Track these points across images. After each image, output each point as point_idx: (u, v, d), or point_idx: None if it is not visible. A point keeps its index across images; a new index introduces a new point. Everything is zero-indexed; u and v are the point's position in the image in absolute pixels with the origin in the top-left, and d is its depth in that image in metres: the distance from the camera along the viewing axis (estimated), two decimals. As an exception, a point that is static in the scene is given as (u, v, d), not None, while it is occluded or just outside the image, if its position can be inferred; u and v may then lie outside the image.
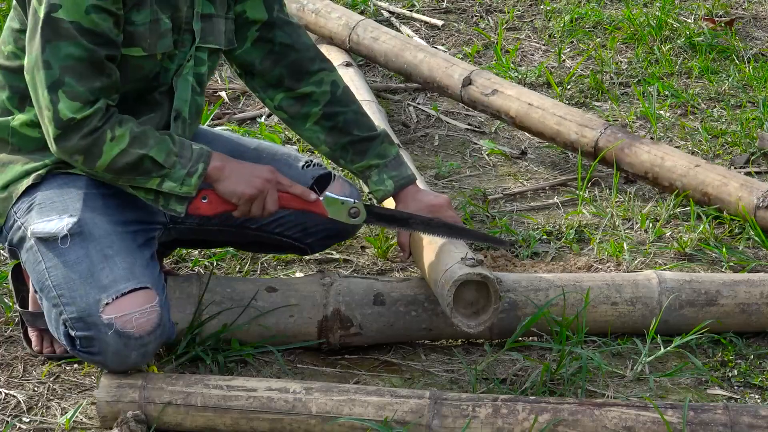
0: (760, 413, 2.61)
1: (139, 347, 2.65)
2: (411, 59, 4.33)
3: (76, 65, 2.63)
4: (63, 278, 2.70)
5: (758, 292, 3.09)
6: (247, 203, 2.80)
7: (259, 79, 3.07)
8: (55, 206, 2.77)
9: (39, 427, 2.74)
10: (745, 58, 5.06)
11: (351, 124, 3.05)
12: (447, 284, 2.76)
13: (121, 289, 2.65)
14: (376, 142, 3.06)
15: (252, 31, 3.00)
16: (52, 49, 2.62)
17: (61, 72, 2.62)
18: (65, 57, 2.62)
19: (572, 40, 5.32)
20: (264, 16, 3.00)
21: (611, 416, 2.61)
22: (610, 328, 3.08)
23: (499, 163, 4.25)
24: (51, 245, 2.73)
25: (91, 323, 2.65)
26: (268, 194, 2.81)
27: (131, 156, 2.68)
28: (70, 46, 2.62)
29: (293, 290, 3.01)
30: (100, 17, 2.63)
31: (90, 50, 2.63)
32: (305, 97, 3.05)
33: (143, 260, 2.75)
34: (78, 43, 2.62)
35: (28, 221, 2.78)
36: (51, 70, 2.63)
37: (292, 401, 2.65)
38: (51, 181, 2.81)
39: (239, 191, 2.78)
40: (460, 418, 2.62)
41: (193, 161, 2.74)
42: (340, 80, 3.10)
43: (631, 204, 3.85)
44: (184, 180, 2.73)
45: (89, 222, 2.74)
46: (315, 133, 3.07)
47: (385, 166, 3.04)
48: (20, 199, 2.81)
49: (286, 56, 3.03)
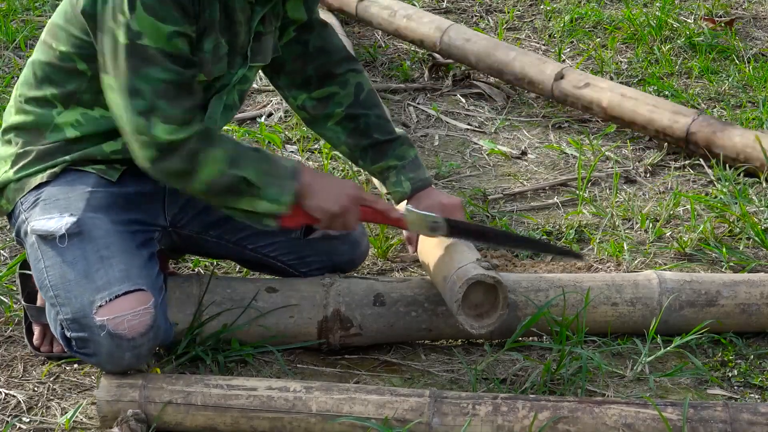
0: (759, 410, 2.61)
1: (131, 349, 2.66)
2: (503, 57, 4.60)
3: (167, 89, 2.65)
4: (60, 278, 2.71)
5: (758, 293, 3.09)
6: (331, 219, 2.82)
7: (286, 78, 3.08)
8: (58, 204, 2.78)
9: (39, 427, 2.74)
10: (745, 58, 5.07)
11: (372, 128, 3.06)
12: (459, 281, 2.76)
13: (115, 291, 2.65)
14: (396, 143, 3.07)
15: (289, 31, 3.01)
16: (142, 76, 2.63)
17: (153, 97, 2.64)
18: (156, 81, 2.64)
19: (572, 40, 5.32)
20: (304, 16, 3.01)
21: (611, 413, 2.61)
22: (610, 328, 3.08)
23: (499, 163, 4.25)
24: (50, 243, 2.74)
25: (85, 325, 2.65)
26: (350, 212, 2.83)
27: (227, 177, 2.70)
28: (160, 71, 2.64)
29: (293, 290, 3.01)
30: (181, 41, 2.66)
31: (179, 73, 2.66)
32: (329, 98, 3.06)
33: (141, 261, 2.75)
34: (166, 67, 2.64)
35: (31, 216, 2.80)
36: (142, 97, 2.64)
37: (292, 400, 2.65)
38: (61, 178, 2.83)
39: (325, 208, 2.80)
40: (460, 416, 2.62)
41: (286, 179, 2.75)
42: (366, 82, 3.10)
43: (631, 204, 3.85)
44: (276, 199, 2.75)
45: (89, 222, 2.75)
46: (336, 133, 3.09)
47: (404, 168, 3.05)
48: (30, 192, 2.83)
49: (317, 59, 3.04)
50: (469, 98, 4.83)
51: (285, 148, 4.26)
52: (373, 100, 3.09)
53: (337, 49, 3.07)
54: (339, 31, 5.13)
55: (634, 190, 4.00)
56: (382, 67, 5.10)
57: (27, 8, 5.56)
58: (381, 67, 5.10)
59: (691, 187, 4.04)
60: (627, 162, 4.22)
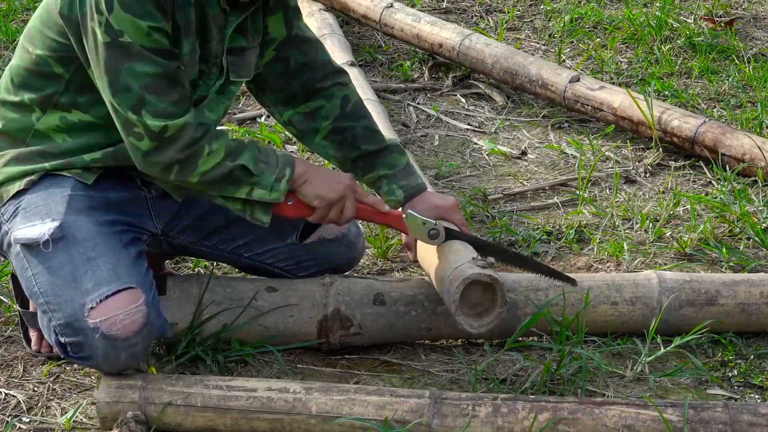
0: (759, 411, 2.60)
1: (126, 348, 2.65)
2: (521, 60, 4.75)
3: (154, 83, 2.65)
4: (48, 285, 2.69)
5: (758, 292, 3.09)
6: (327, 208, 2.83)
7: (271, 96, 3.07)
8: (38, 210, 2.76)
9: (39, 427, 2.74)
10: (745, 58, 5.07)
11: (360, 139, 3.05)
12: (456, 281, 2.76)
13: (105, 292, 2.64)
14: (385, 152, 3.06)
15: (269, 51, 2.99)
16: (127, 71, 2.64)
17: (140, 91, 2.65)
18: (141, 76, 2.65)
19: (572, 40, 5.32)
20: (283, 33, 2.98)
21: (611, 414, 2.61)
22: (610, 328, 3.08)
23: (499, 163, 4.25)
24: (35, 251, 2.72)
25: (78, 328, 2.65)
26: (347, 200, 2.84)
27: (225, 168, 2.72)
28: (144, 65, 2.64)
29: (293, 290, 3.01)
30: (159, 36, 2.66)
31: (163, 65, 2.66)
32: (315, 111, 3.05)
33: (128, 259, 2.74)
34: (152, 60, 2.65)
35: (12, 226, 2.78)
36: (131, 92, 2.65)
37: (292, 401, 2.65)
38: (38, 185, 2.81)
39: (322, 195, 2.81)
40: (460, 417, 2.62)
41: (280, 167, 2.78)
42: (353, 95, 3.09)
43: (631, 204, 3.85)
44: (273, 186, 2.77)
45: (72, 225, 2.73)
46: (324, 148, 3.08)
47: (394, 176, 3.04)
48: (8, 201, 2.81)
49: (301, 75, 3.03)
50: (469, 98, 4.83)
51: (285, 148, 4.26)
52: (360, 111, 3.08)
53: (321, 65, 3.05)
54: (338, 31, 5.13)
55: (634, 190, 4.00)
56: (382, 67, 5.10)
57: (27, 8, 5.56)
58: (381, 67, 5.10)
59: (691, 187, 4.04)
60: (627, 162, 4.22)
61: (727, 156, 4.06)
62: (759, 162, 3.98)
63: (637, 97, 4.33)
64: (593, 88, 4.50)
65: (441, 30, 5.02)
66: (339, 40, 4.97)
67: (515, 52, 4.82)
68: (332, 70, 3.07)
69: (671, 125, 4.23)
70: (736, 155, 4.03)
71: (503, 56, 4.78)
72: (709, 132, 4.13)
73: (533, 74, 4.66)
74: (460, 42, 4.90)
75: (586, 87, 4.51)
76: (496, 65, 4.77)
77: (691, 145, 4.17)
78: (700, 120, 4.20)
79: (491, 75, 4.83)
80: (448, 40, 4.95)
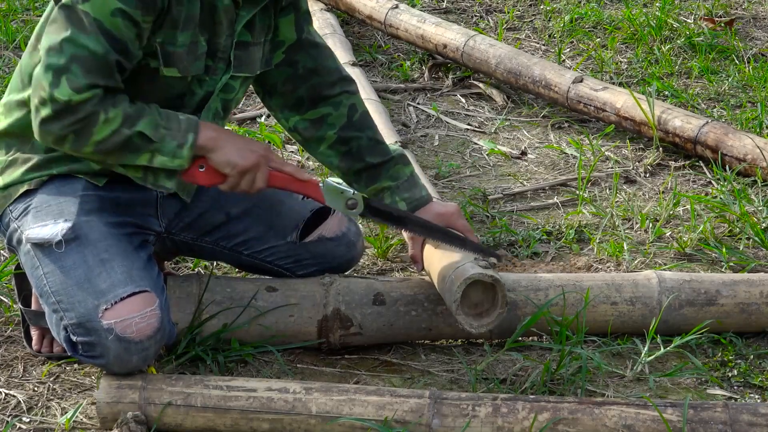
0: (759, 411, 2.61)
1: (139, 351, 2.65)
2: (525, 61, 4.79)
3: (88, 60, 2.59)
4: (61, 284, 2.69)
5: (758, 292, 3.09)
6: (239, 176, 2.74)
7: (277, 100, 3.04)
8: (50, 210, 2.76)
9: (39, 427, 2.74)
10: (745, 58, 5.07)
11: (365, 151, 3.03)
12: (457, 281, 2.76)
13: (120, 294, 2.64)
14: (389, 164, 3.03)
15: (278, 53, 2.97)
16: (71, 38, 2.59)
17: (71, 59, 2.59)
18: (81, 47, 2.58)
19: (572, 40, 5.32)
20: (293, 36, 2.97)
21: (611, 415, 2.61)
22: (610, 328, 3.08)
23: (499, 163, 4.26)
24: (47, 251, 2.72)
25: (91, 329, 2.65)
26: (260, 169, 2.76)
27: (122, 135, 2.63)
28: (89, 40, 2.58)
29: (293, 290, 3.01)
30: (124, 23, 2.60)
31: (107, 51, 2.60)
32: (321, 119, 3.03)
33: (141, 262, 2.75)
34: (97, 39, 2.59)
35: (23, 225, 2.78)
36: (61, 54, 2.59)
37: (291, 401, 2.65)
38: (49, 185, 2.80)
39: (233, 161, 2.72)
40: (460, 417, 2.62)
41: (183, 132, 2.68)
42: (360, 104, 3.07)
43: (631, 204, 3.85)
44: (175, 152, 2.68)
45: (84, 226, 2.73)
46: (329, 157, 3.05)
47: (398, 188, 3.03)
48: (18, 198, 2.81)
49: (309, 80, 3.01)
50: (469, 98, 4.83)
51: (285, 149, 4.26)
52: (366, 122, 3.06)
53: (329, 71, 3.03)
54: (339, 31, 5.14)
55: (634, 190, 4.00)
56: (382, 67, 5.10)
57: (27, 8, 5.56)
58: (381, 67, 5.10)
59: (691, 187, 4.04)
60: (627, 162, 4.22)
61: (729, 156, 4.06)
62: (760, 162, 3.99)
63: (639, 98, 4.33)
64: (596, 88, 4.52)
65: (446, 31, 5.04)
66: (340, 40, 4.99)
67: (519, 53, 4.84)
68: (340, 78, 3.05)
69: (673, 125, 4.24)
70: (738, 156, 4.04)
71: (507, 57, 4.80)
72: (711, 132, 4.14)
73: (537, 75, 4.68)
74: (464, 43, 4.92)
75: (590, 88, 4.53)
76: (499, 66, 4.79)
77: (693, 146, 4.17)
78: (703, 120, 4.21)
79: (495, 76, 4.84)
80: (453, 40, 4.97)
